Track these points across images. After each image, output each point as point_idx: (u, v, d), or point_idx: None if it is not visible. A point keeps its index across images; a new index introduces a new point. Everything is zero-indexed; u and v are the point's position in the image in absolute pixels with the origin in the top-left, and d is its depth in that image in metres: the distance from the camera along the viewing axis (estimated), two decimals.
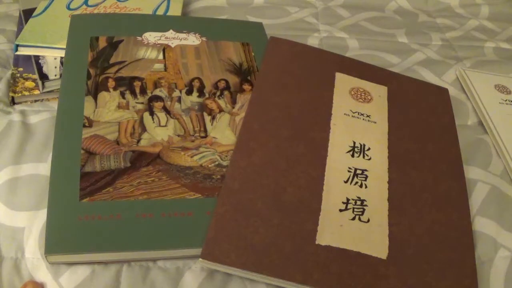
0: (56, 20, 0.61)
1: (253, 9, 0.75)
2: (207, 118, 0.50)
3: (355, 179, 0.45)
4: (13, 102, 0.54)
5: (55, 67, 0.56)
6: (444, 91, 0.58)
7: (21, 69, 0.57)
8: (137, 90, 0.51)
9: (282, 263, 0.39)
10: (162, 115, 0.49)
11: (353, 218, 0.43)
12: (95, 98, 0.49)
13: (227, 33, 0.59)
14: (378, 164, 0.47)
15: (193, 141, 0.47)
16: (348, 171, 0.46)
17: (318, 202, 0.43)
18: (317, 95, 0.52)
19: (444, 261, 0.42)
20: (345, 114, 0.51)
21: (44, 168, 0.46)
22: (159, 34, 0.57)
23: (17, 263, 0.41)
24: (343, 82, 0.54)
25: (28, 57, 0.58)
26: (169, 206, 0.42)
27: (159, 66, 0.54)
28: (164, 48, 0.55)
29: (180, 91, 0.52)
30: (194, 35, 0.58)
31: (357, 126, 0.50)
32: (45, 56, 0.57)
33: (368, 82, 0.55)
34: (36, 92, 0.54)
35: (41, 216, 0.42)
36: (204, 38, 0.58)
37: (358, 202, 0.44)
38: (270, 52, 0.56)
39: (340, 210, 0.43)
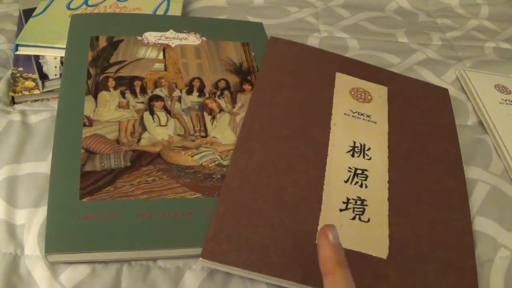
0: (56, 20, 0.61)
1: (253, 9, 0.75)
2: (207, 118, 0.50)
3: (355, 179, 0.45)
4: (13, 101, 0.54)
5: (55, 67, 0.56)
6: (444, 91, 0.58)
7: (21, 68, 0.57)
8: (137, 90, 0.51)
9: (282, 262, 0.39)
10: (162, 115, 0.49)
11: (353, 218, 0.43)
12: (95, 97, 0.49)
13: (227, 33, 0.59)
14: (378, 164, 0.47)
15: (193, 140, 0.47)
16: (348, 171, 0.46)
17: (319, 202, 0.43)
18: (317, 95, 0.52)
19: (444, 261, 0.42)
20: (345, 114, 0.51)
21: (43, 167, 0.46)
22: (159, 34, 0.57)
23: (16, 260, 0.41)
24: (343, 82, 0.54)
25: (28, 57, 0.57)
26: (170, 206, 0.42)
27: (159, 65, 0.54)
28: (164, 48, 0.55)
29: (180, 91, 0.52)
30: (194, 35, 0.58)
31: (357, 126, 0.50)
32: (45, 55, 0.57)
33: (368, 82, 0.55)
34: (36, 91, 0.54)
35: (41, 213, 0.42)
36: (204, 38, 0.58)
37: (358, 202, 0.44)
38: (270, 52, 0.56)
39: (340, 210, 0.43)
